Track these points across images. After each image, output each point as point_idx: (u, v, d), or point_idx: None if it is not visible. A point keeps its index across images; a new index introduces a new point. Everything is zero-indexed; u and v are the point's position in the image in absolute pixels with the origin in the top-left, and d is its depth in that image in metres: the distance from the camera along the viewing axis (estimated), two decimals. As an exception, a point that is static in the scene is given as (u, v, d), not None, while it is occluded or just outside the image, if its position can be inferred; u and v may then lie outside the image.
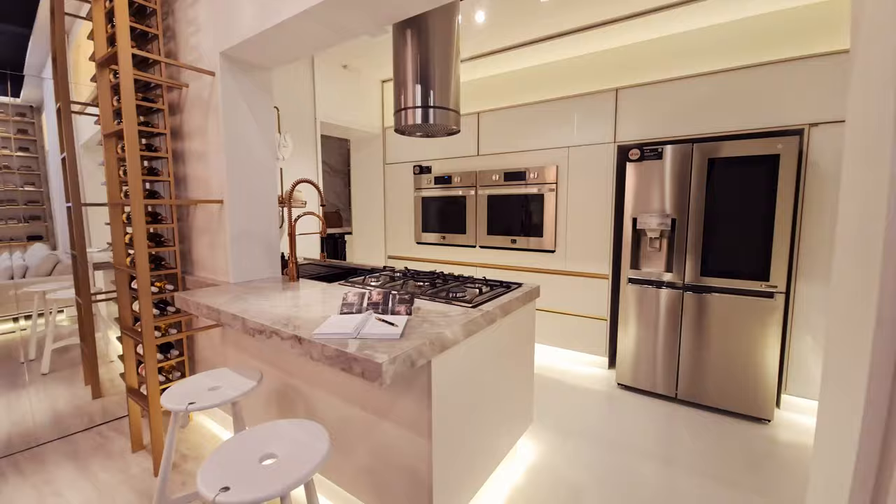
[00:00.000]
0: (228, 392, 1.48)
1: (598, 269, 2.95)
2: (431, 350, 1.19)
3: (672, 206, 2.46)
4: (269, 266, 2.22)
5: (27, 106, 7.19)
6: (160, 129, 2.18)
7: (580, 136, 2.94)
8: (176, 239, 2.22)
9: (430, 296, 1.67)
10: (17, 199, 7.09)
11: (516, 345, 1.80)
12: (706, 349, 2.42)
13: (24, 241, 7.09)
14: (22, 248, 6.95)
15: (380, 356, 1.04)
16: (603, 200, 2.89)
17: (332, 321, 1.31)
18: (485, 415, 1.58)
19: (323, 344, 1.15)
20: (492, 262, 3.46)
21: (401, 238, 4.05)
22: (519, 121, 3.21)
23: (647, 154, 2.50)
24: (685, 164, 2.40)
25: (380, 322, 1.29)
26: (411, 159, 3.87)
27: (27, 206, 7.12)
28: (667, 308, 2.52)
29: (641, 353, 2.63)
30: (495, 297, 1.67)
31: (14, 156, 6.99)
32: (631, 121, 2.73)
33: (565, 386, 2.79)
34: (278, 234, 2.28)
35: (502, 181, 3.29)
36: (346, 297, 1.47)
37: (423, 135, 2.02)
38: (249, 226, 2.12)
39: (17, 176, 7.04)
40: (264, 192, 2.18)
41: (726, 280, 2.33)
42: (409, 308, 1.42)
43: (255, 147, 2.13)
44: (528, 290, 1.83)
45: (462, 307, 1.53)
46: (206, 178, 2.15)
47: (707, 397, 2.44)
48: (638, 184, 2.55)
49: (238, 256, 2.07)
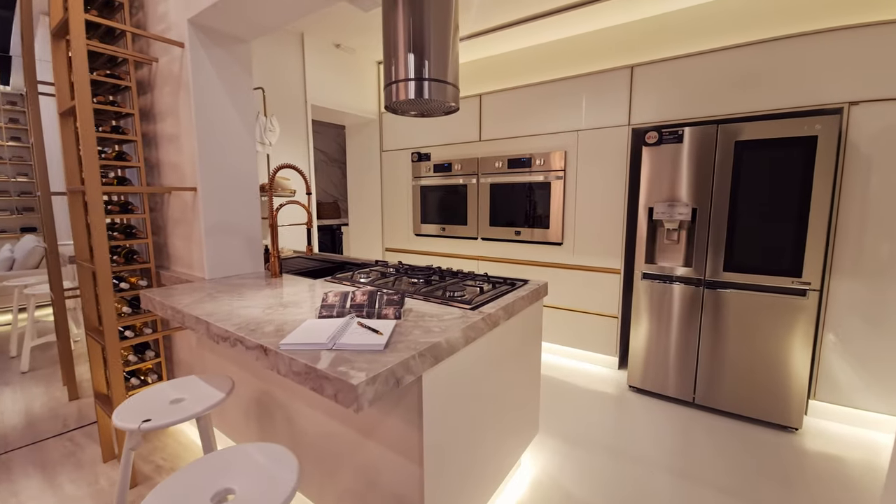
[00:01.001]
0: (192, 406, 1.29)
1: (608, 264, 2.74)
2: (422, 364, 0.99)
3: (693, 194, 2.24)
4: (251, 260, 2.02)
5: (18, 94, 6.98)
6: (127, 110, 1.97)
7: (591, 118, 2.71)
8: (148, 230, 2.03)
9: (424, 295, 1.47)
10: (9, 190, 6.93)
11: (521, 349, 1.60)
12: (727, 350, 2.22)
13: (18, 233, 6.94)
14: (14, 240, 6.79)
15: (356, 375, 0.84)
16: (615, 189, 2.66)
17: (306, 327, 1.11)
18: (485, 429, 1.39)
19: (290, 357, 0.95)
20: (494, 255, 3.25)
21: (399, 230, 3.84)
22: (524, 103, 2.98)
23: (665, 137, 2.27)
24: (708, 147, 2.18)
25: (362, 329, 1.10)
26: (409, 146, 3.65)
27: (20, 198, 6.96)
28: (685, 305, 2.31)
29: (656, 353, 2.43)
30: (498, 297, 1.47)
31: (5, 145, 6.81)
32: (648, 101, 2.50)
33: (573, 388, 2.60)
34: (260, 225, 2.08)
35: (506, 168, 3.07)
36: (325, 298, 1.27)
37: (418, 114, 1.80)
38: (227, 216, 1.92)
39: (8, 166, 6.87)
40: (243, 180, 1.98)
41: (752, 276, 2.12)
42: (398, 311, 1.22)
43: (233, 129, 1.92)
44: (534, 289, 1.62)
45: (460, 309, 1.33)
46: (178, 164, 1.95)
47: (728, 403, 2.24)
48: (655, 170, 2.33)
49: (214, 250, 1.87)
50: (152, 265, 2.04)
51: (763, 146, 2.05)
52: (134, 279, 2.09)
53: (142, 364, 2.09)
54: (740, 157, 2.11)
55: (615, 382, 2.67)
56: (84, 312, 1.90)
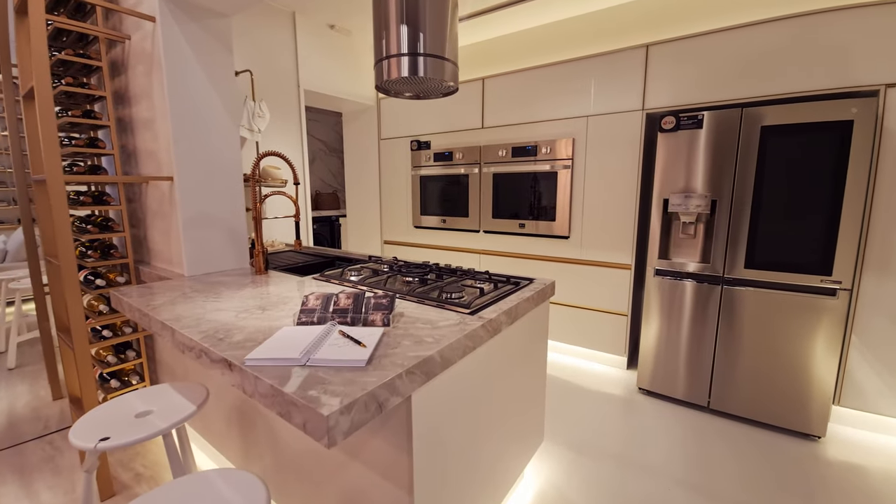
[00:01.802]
0: (158, 420, 1.16)
1: (618, 259, 2.58)
2: (410, 383, 0.85)
3: (712, 184, 2.07)
4: (235, 255, 1.89)
5: (12, 82, 6.83)
6: (98, 92, 1.82)
7: (601, 103, 2.53)
8: (125, 223, 1.89)
9: (418, 297, 1.33)
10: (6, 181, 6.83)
11: (526, 355, 1.46)
12: (746, 352, 2.07)
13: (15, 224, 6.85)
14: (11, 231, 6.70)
15: (328, 402, 0.70)
16: (627, 178, 2.49)
17: (280, 337, 0.97)
18: (484, 445, 1.25)
19: (256, 375, 0.81)
20: (497, 249, 3.10)
21: (397, 222, 3.69)
22: (530, 87, 2.79)
23: (683, 122, 2.10)
24: (731, 133, 2.00)
25: (343, 339, 0.96)
26: (408, 134, 3.48)
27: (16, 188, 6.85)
28: (701, 304, 2.16)
29: (668, 354, 2.28)
30: (500, 299, 1.32)
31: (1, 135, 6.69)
32: (664, 83, 2.31)
33: (579, 389, 2.47)
34: (245, 217, 1.94)
35: (510, 157, 2.90)
36: (305, 302, 1.13)
37: (413, 95, 1.63)
38: (207, 208, 1.77)
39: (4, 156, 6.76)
40: (226, 168, 1.83)
41: (777, 273, 1.96)
42: (386, 316, 1.08)
43: (212, 112, 1.76)
44: (540, 289, 1.48)
45: (458, 313, 1.18)
46: (154, 151, 1.80)
47: (745, 408, 2.10)
48: (671, 158, 2.16)
49: (193, 245, 1.73)
50: (130, 260, 1.90)
51: (792, 132, 1.87)
52: (112, 275, 1.96)
53: (122, 365, 1.97)
54: (766, 143, 1.93)
55: (623, 384, 2.54)
56: (54, 311, 1.78)
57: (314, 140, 5.91)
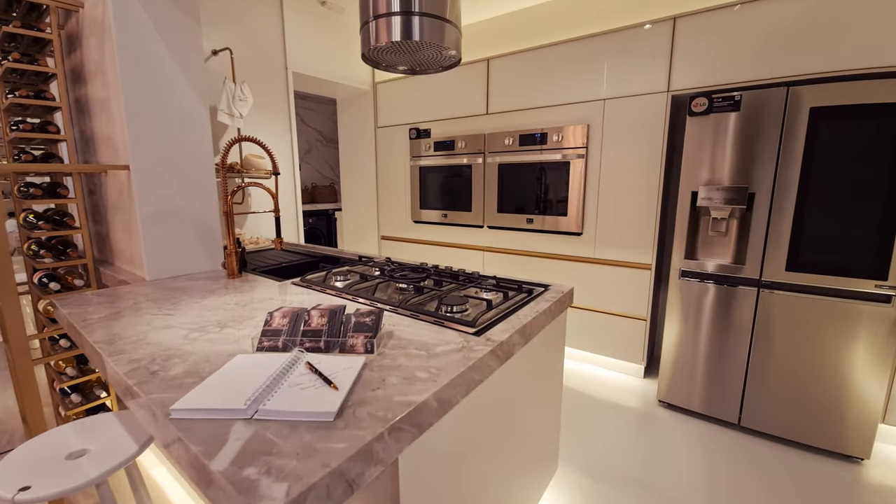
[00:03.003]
0: (91, 465, 0.94)
1: (637, 258, 2.34)
2: (396, 443, 0.62)
3: (749, 175, 1.82)
4: (206, 255, 1.66)
5: None
6: (46, 69, 1.58)
7: (620, 84, 2.27)
8: (82, 219, 1.66)
9: (412, 309, 1.10)
10: (-6, 172, 6.59)
11: (540, 377, 1.23)
12: (785, 364, 1.84)
13: (4, 217, 6.62)
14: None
15: (269, 493, 0.47)
16: (648, 169, 2.24)
17: (227, 373, 0.75)
18: (491, 490, 1.03)
19: (179, 436, 0.59)
20: (502, 246, 2.86)
21: (395, 216, 3.45)
22: (539, 68, 2.53)
23: (717, 104, 1.84)
24: (773, 116, 1.75)
25: (310, 376, 0.73)
26: (407, 121, 3.23)
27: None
28: (733, 310, 1.92)
29: (693, 364, 2.06)
30: (511, 312, 1.09)
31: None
32: (693, 61, 2.05)
33: (593, 401, 2.25)
34: (219, 212, 1.71)
35: (517, 146, 2.65)
36: (269, 321, 0.90)
37: (408, 69, 1.39)
38: (172, 201, 1.54)
39: (-8, 146, 6.52)
40: (194, 155, 1.59)
41: (823, 277, 1.72)
42: (370, 341, 0.85)
43: (176, 92, 1.52)
44: (558, 298, 1.24)
45: (460, 333, 0.96)
46: (111, 136, 1.57)
47: (781, 426, 1.87)
48: (701, 145, 1.91)
49: (155, 243, 1.51)
50: (89, 261, 1.68)
51: (846, 114, 1.62)
52: (71, 278, 1.73)
53: (85, 377, 1.76)
54: (815, 127, 1.68)
55: (641, 394, 2.31)
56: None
57: (310, 130, 5.65)
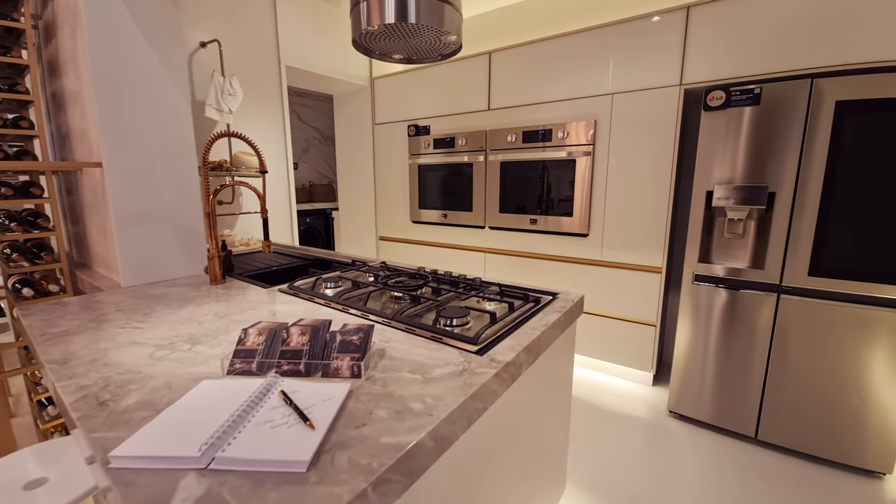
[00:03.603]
0: (48, 501, 0.84)
1: (646, 261, 2.23)
2: (382, 498, 0.51)
3: (770, 173, 1.70)
4: (188, 260, 1.55)
5: None
6: (21, 61, 1.47)
7: (629, 78, 2.15)
8: (58, 220, 1.55)
9: (407, 323, 0.99)
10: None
11: (548, 394, 1.12)
12: (805, 375, 1.73)
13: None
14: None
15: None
16: (659, 167, 2.13)
17: (186, 405, 0.64)
18: (498, 529, 0.92)
19: (121, 486, 0.48)
20: (504, 247, 2.75)
21: (394, 216, 3.34)
22: (544, 61, 2.42)
23: (735, 98, 1.73)
24: (796, 110, 1.63)
25: (283, 409, 0.62)
26: (405, 118, 3.11)
27: None
28: (751, 317, 1.81)
29: (707, 374, 1.95)
30: (518, 325, 0.98)
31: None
32: (708, 52, 1.94)
33: (600, 412, 2.14)
34: (202, 213, 1.60)
35: (520, 143, 2.53)
36: (243, 338, 0.79)
37: (405, 58, 1.28)
38: (150, 202, 1.43)
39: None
40: (174, 152, 1.48)
41: (849, 283, 1.61)
42: (356, 364, 0.74)
43: (153, 83, 1.41)
44: (568, 308, 1.13)
45: (460, 351, 0.85)
46: (85, 131, 1.46)
47: (799, 440, 1.76)
48: (717, 142, 1.79)
49: (132, 247, 1.40)
50: (64, 265, 1.57)
51: (876, 108, 1.50)
52: (46, 283, 1.63)
53: (61, 388, 1.65)
54: (841, 122, 1.57)
55: (651, 404, 2.20)
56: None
57: (308, 127, 5.54)
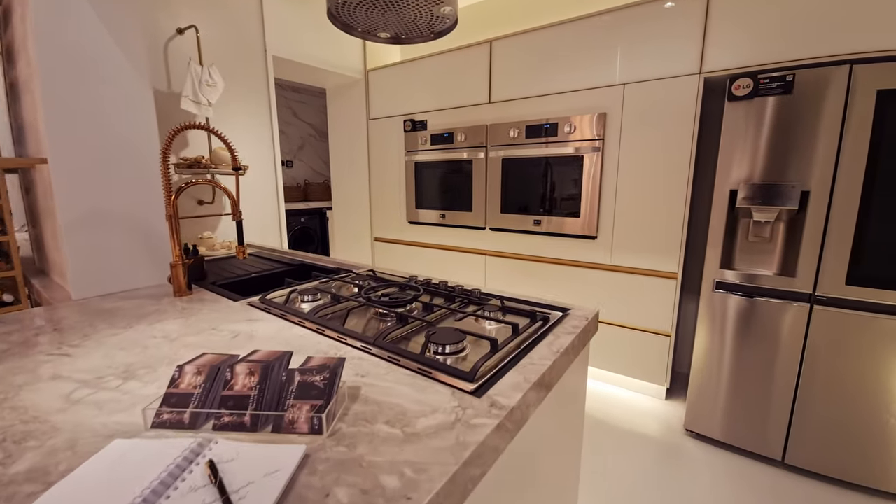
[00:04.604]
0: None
1: (661, 265, 2.06)
2: None
3: (803, 170, 1.53)
4: (152, 267, 1.38)
5: None
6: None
7: (643, 66, 1.98)
8: (10, 223, 1.39)
9: (390, 350, 0.82)
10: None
11: (558, 431, 0.95)
12: (839, 394, 1.56)
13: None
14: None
15: None
16: (676, 163, 1.96)
17: (76, 483, 0.47)
18: None
19: None
20: (506, 250, 2.58)
21: (389, 216, 3.18)
22: (549, 50, 2.25)
23: (764, 86, 1.55)
24: (833, 100, 1.46)
25: (208, 490, 0.45)
26: (401, 112, 2.94)
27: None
28: (779, 329, 1.64)
29: (728, 390, 1.78)
30: (524, 353, 0.81)
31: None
32: (731, 37, 1.76)
33: (610, 429, 1.97)
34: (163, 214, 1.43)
35: (523, 138, 2.36)
36: (177, 377, 0.63)
37: (392, 37, 1.11)
38: (105, 202, 1.27)
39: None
40: (133, 147, 1.31)
41: (891, 293, 1.44)
42: (317, 416, 0.57)
43: (108, 68, 1.24)
44: (583, 328, 0.97)
45: (454, 390, 0.68)
46: (34, 124, 1.29)
47: (832, 465, 1.60)
48: (742, 135, 1.62)
49: (84, 254, 1.23)
50: (18, 273, 1.41)
51: (928, 95, 1.33)
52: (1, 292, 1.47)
53: None
54: (883, 114, 1.39)
55: (664, 420, 2.04)
56: None
57: (303, 124, 5.38)
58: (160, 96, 1.98)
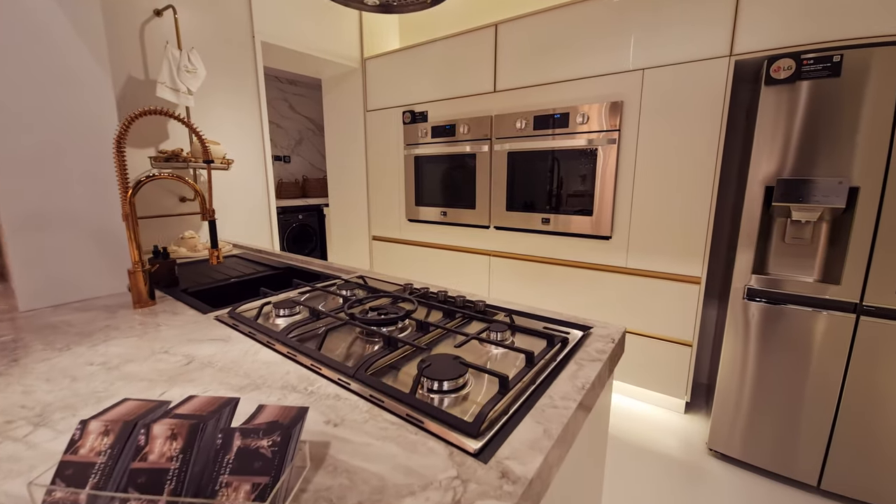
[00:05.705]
0: None
1: (682, 269, 1.89)
2: None
3: (851, 164, 1.35)
4: (113, 274, 1.22)
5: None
6: None
7: (664, 49, 1.80)
8: (-46, 223, 1.23)
9: (373, 386, 0.66)
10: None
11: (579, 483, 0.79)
12: (887, 415, 1.39)
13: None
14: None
15: None
16: (701, 156, 1.78)
17: None
18: None
19: None
20: (512, 250, 2.41)
21: (388, 213, 3.01)
22: (559, 33, 2.06)
23: (808, 68, 1.37)
24: (887, 85, 1.28)
25: None
26: (400, 103, 2.77)
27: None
28: (819, 342, 1.47)
29: (759, 407, 1.61)
30: (540, 389, 0.65)
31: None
32: (767, 12, 1.58)
33: (625, 446, 1.81)
34: (135, 214, 1.27)
35: (531, 130, 2.19)
36: (77, 440, 0.46)
37: (381, 4, 0.94)
38: (52, 200, 1.11)
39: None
40: (86, 139, 1.15)
41: (955, 303, 1.26)
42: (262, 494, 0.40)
43: (54, 47, 1.08)
44: (610, 352, 0.80)
45: (452, 450, 0.52)
46: (-25, 109, 1.13)
47: (873, 491, 1.43)
48: (782, 125, 1.44)
49: (29, 259, 1.08)
50: (-34, 279, 1.25)
51: None
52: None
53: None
54: (951, 97, 1.21)
55: (685, 438, 1.87)
56: None
57: (301, 117, 5.21)
58: (136, 84, 1.82)
